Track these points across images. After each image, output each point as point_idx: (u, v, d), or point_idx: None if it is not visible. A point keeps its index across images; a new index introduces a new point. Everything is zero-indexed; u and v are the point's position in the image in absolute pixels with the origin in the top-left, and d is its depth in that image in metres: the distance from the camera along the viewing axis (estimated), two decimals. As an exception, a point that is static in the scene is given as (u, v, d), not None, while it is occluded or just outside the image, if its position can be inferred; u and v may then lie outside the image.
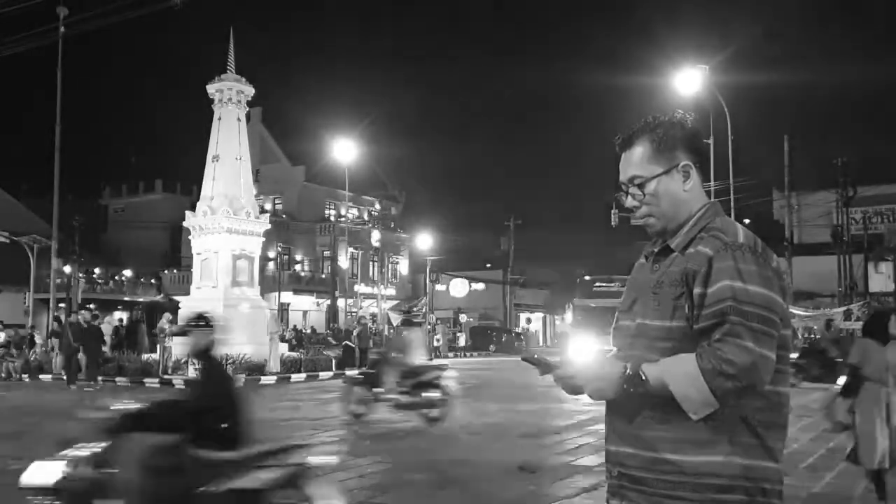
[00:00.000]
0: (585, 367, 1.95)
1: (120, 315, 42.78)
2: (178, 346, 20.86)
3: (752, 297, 1.81)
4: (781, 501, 1.90)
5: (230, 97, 26.40)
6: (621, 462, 1.95)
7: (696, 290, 1.87)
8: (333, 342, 30.33)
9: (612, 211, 33.83)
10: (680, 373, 1.82)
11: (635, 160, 2.04)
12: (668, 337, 1.90)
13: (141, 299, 46.49)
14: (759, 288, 1.83)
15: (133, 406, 4.73)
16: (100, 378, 20.39)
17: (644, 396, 1.88)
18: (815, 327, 28.82)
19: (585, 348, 22.06)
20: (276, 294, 44.58)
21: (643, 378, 1.86)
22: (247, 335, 22.19)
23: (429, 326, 45.02)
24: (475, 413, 13.37)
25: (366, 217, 57.76)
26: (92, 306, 46.30)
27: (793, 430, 9.91)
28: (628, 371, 1.88)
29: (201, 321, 4.67)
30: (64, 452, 4.66)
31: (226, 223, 25.21)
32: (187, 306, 25.83)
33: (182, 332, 5.12)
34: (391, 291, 54.72)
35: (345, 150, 39.89)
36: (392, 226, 58.48)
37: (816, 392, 12.88)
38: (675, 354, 1.87)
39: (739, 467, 1.84)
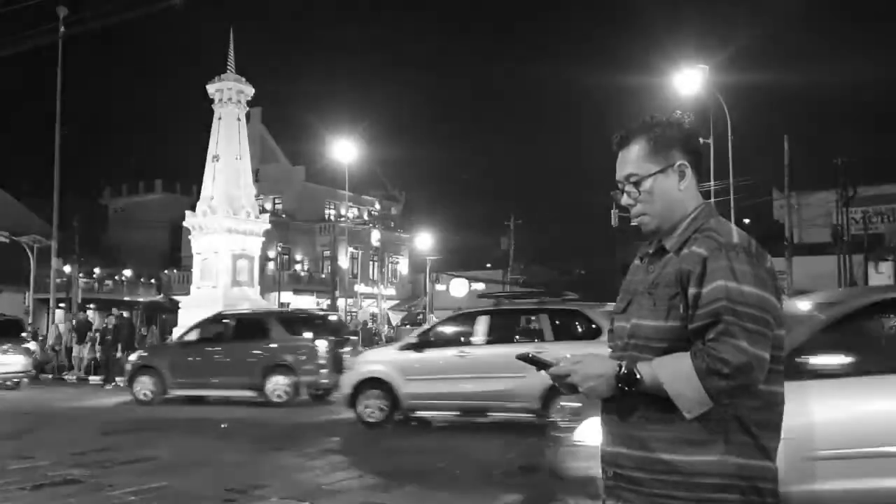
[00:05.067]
0: (580, 365, 1.95)
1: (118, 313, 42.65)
2: None
3: (746, 298, 1.82)
4: (776, 500, 1.91)
5: (230, 97, 26.42)
6: (616, 462, 1.96)
7: (691, 290, 1.88)
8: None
9: (613, 210, 33.85)
10: (674, 372, 1.83)
11: (632, 158, 2.05)
12: (663, 337, 1.90)
13: (141, 299, 46.50)
14: (753, 288, 1.84)
15: None
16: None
17: (638, 396, 1.88)
18: None
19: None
20: (276, 294, 44.58)
21: (637, 377, 1.87)
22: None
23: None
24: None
25: (366, 217, 57.77)
26: (92, 306, 46.34)
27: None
28: (623, 370, 1.89)
29: None
30: None
31: (226, 223, 25.23)
32: (187, 306, 25.88)
33: None
34: (391, 291, 54.74)
35: (345, 150, 39.90)
36: (392, 226, 58.49)
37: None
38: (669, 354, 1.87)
39: (734, 466, 1.84)
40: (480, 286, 55.21)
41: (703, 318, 1.84)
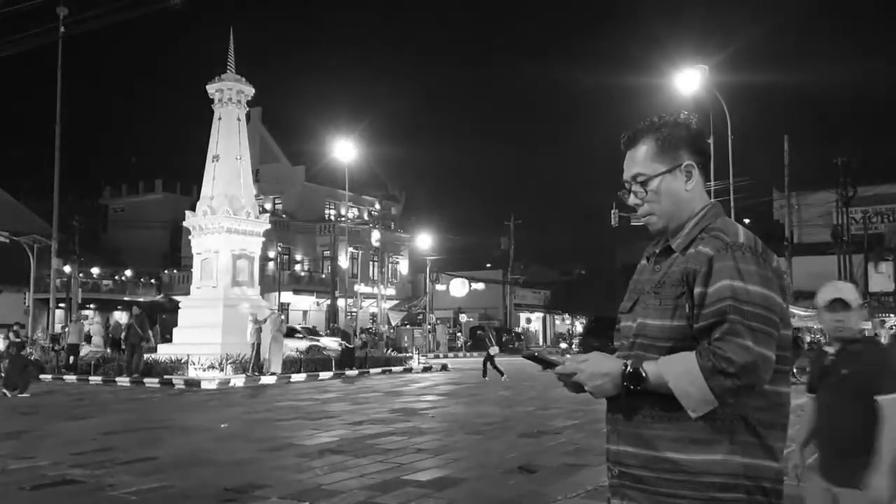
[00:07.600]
0: (586, 364, 1.95)
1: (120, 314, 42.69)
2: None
3: (751, 297, 1.82)
4: (781, 501, 1.90)
5: (230, 97, 26.43)
6: (622, 461, 1.96)
7: (697, 290, 1.88)
8: (342, 342, 30.03)
9: (613, 211, 33.86)
10: (680, 371, 1.83)
11: (639, 158, 2.06)
12: (668, 336, 1.91)
13: (141, 299, 46.53)
14: (759, 287, 1.84)
15: None
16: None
17: (644, 395, 1.88)
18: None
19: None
20: (276, 294, 44.58)
21: (643, 375, 1.87)
22: (245, 334, 22.17)
23: (428, 326, 45.12)
24: (475, 412, 13.39)
25: (366, 217, 57.79)
26: (93, 306, 46.26)
27: (794, 430, 9.90)
28: (628, 369, 1.89)
29: None
30: None
31: (226, 223, 25.23)
32: (187, 306, 25.88)
33: None
34: (391, 291, 54.73)
35: (345, 150, 39.91)
36: (392, 226, 58.51)
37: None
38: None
39: (739, 466, 1.84)
40: (480, 286, 55.30)
41: (708, 317, 1.84)
